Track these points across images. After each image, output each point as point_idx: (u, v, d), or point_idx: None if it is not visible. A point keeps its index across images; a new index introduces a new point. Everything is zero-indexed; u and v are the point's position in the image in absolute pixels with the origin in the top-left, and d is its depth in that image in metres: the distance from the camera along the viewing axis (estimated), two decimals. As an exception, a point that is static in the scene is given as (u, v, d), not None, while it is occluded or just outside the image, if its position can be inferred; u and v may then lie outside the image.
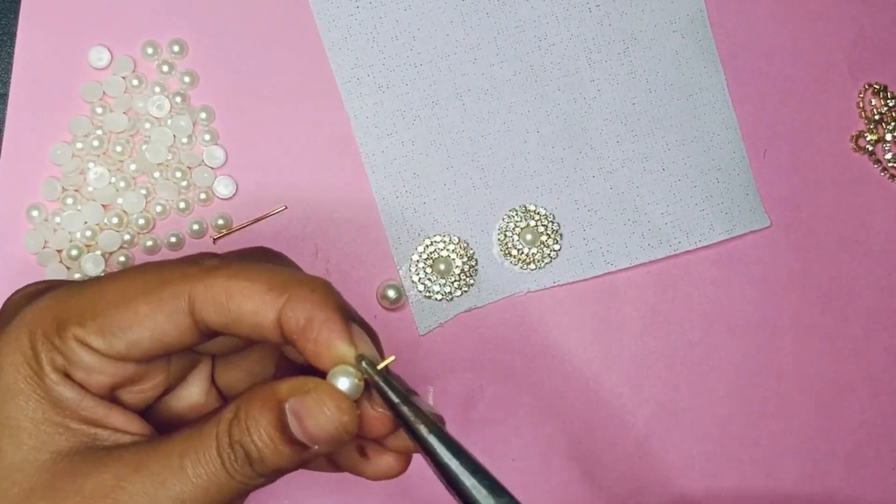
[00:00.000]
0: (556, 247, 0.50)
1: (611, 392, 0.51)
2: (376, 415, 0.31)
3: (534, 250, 0.50)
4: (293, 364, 0.35)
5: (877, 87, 0.53)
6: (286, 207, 0.49)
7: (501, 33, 0.50)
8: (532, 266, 0.50)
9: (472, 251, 0.50)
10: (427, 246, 0.49)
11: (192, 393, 0.35)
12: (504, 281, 0.50)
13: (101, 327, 0.30)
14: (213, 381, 0.36)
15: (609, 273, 0.51)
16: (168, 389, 0.34)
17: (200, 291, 0.30)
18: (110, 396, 0.32)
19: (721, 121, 0.52)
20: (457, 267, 0.49)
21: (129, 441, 0.31)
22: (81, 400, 0.31)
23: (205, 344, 0.34)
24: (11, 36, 0.48)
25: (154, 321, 0.30)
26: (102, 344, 0.30)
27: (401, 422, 0.31)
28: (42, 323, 0.31)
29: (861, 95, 0.53)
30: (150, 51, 0.49)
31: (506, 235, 0.50)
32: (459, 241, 0.50)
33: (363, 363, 0.31)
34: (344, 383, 0.30)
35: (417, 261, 0.49)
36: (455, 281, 0.49)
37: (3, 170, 0.48)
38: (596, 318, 0.51)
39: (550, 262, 0.50)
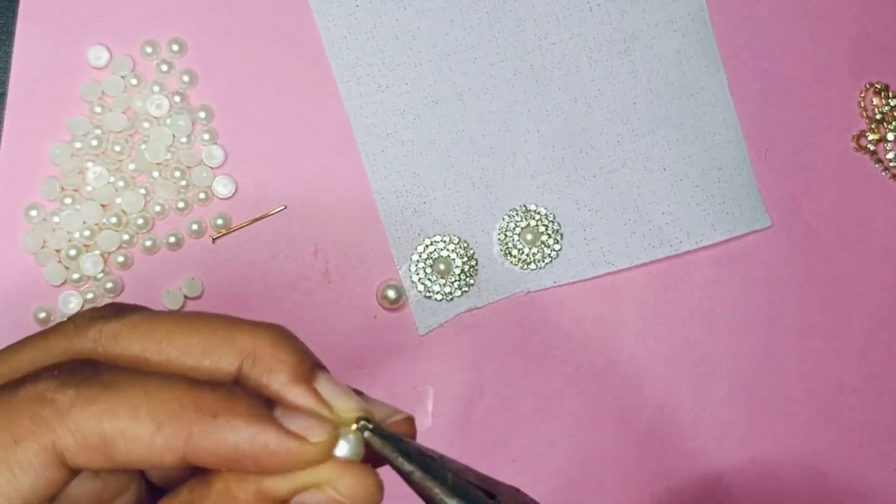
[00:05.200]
0: (557, 247, 0.50)
1: (611, 392, 0.51)
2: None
3: (534, 250, 0.50)
4: None
5: (878, 86, 0.53)
6: (285, 207, 0.49)
7: (501, 32, 0.50)
8: (532, 266, 0.50)
9: (472, 251, 0.50)
10: (427, 246, 0.49)
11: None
12: (504, 281, 0.50)
13: None
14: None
15: (610, 273, 0.51)
16: None
17: (68, 441, 0.24)
18: None
19: (722, 120, 0.52)
20: (457, 267, 0.49)
21: None
22: None
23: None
24: (10, 35, 0.48)
25: (18, 491, 0.24)
26: None
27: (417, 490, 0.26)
28: None
29: (862, 95, 0.53)
30: (149, 50, 0.49)
31: (506, 235, 0.50)
32: (459, 241, 0.50)
33: (365, 432, 0.26)
34: (344, 448, 0.25)
35: (417, 261, 0.49)
36: (455, 281, 0.49)
37: (2, 169, 0.48)
38: (596, 318, 0.51)
39: (551, 262, 0.50)
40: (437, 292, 0.49)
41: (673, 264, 0.51)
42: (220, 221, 0.49)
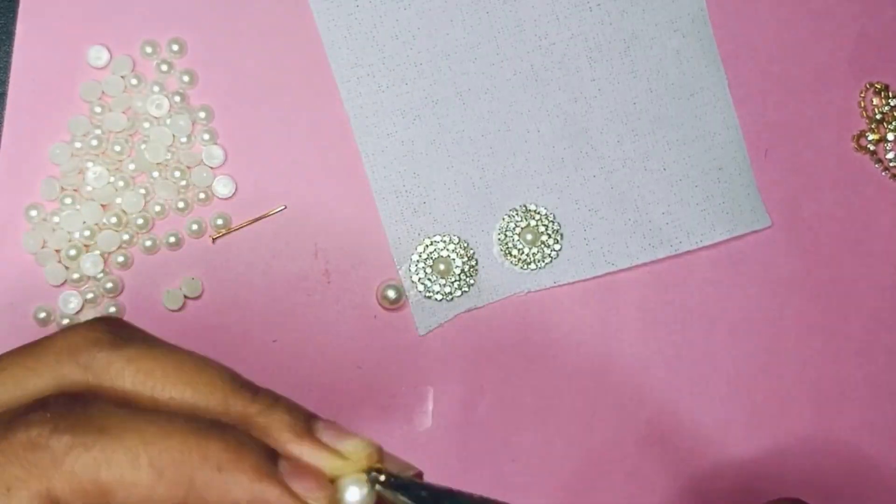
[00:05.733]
0: (557, 247, 0.50)
1: (611, 392, 0.51)
2: None
3: (534, 250, 0.50)
4: None
5: (878, 86, 0.53)
6: (286, 207, 0.49)
7: (502, 32, 0.50)
8: (532, 266, 0.50)
9: (472, 251, 0.50)
10: (427, 246, 0.49)
11: None
12: (504, 281, 0.50)
13: None
14: None
15: (610, 273, 0.51)
16: None
17: (63, 489, 0.23)
18: None
19: (722, 120, 0.52)
20: (457, 267, 0.49)
21: None
22: None
23: None
24: (10, 35, 0.48)
25: None
26: None
27: None
28: None
29: (862, 95, 0.53)
30: (149, 50, 0.49)
31: (506, 235, 0.50)
32: (459, 241, 0.50)
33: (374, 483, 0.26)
34: (356, 495, 0.25)
35: (417, 261, 0.49)
36: (455, 281, 0.49)
37: (2, 169, 0.48)
38: (596, 318, 0.51)
39: (551, 262, 0.50)
40: (437, 292, 0.49)
41: (673, 264, 0.51)
42: (220, 221, 0.49)
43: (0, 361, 0.26)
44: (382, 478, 0.25)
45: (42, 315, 0.47)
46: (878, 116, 0.53)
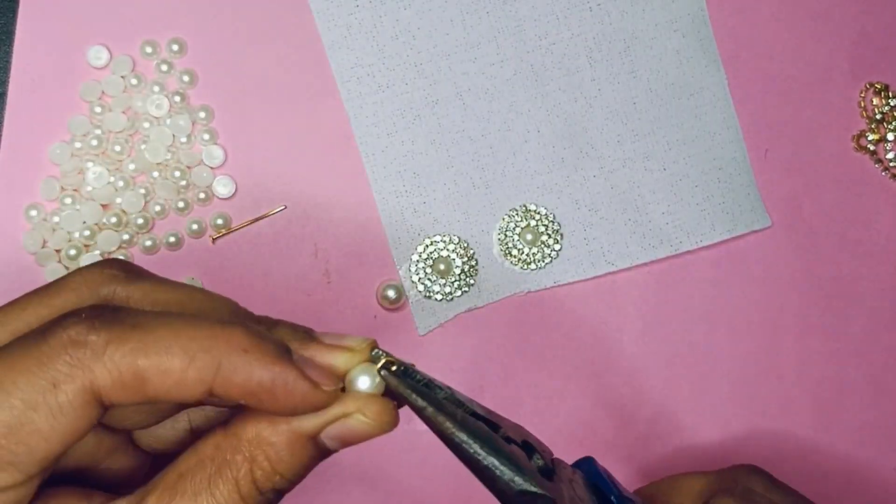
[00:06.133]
0: (557, 247, 0.50)
1: (611, 392, 0.51)
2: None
3: (534, 250, 0.50)
4: None
5: (878, 86, 0.53)
6: (286, 207, 0.49)
7: (502, 32, 0.50)
8: (532, 266, 0.50)
9: (472, 251, 0.50)
10: (427, 246, 0.49)
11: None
12: (504, 281, 0.50)
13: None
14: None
15: (610, 273, 0.51)
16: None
17: (105, 380, 0.25)
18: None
19: (722, 120, 0.52)
20: (457, 267, 0.49)
21: None
22: None
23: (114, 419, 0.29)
24: (10, 35, 0.48)
25: (60, 434, 0.25)
26: (8, 479, 0.25)
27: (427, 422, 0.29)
28: None
29: (862, 95, 0.53)
30: (149, 50, 0.49)
31: (506, 235, 0.50)
32: (459, 241, 0.50)
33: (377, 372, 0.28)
34: (366, 382, 0.28)
35: (417, 261, 0.49)
36: (455, 281, 0.49)
37: (2, 169, 0.48)
38: (596, 318, 0.51)
39: (551, 262, 0.50)
40: (437, 292, 0.49)
41: (673, 264, 0.51)
42: (220, 221, 0.49)
43: (20, 300, 0.28)
44: (394, 368, 0.28)
45: (42, 315, 0.47)
46: (878, 116, 0.53)
